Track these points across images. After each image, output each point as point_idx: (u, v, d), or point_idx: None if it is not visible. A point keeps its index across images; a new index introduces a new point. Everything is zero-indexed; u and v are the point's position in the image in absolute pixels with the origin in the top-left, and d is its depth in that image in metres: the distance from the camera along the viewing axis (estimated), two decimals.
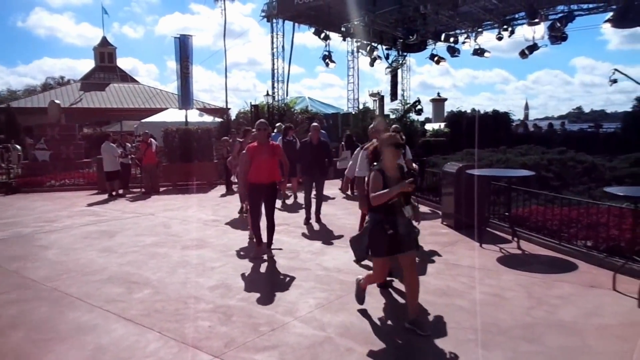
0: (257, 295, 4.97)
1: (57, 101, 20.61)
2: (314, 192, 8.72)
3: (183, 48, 17.22)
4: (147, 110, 30.20)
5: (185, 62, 17.34)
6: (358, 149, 6.60)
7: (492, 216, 7.89)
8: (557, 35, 19.59)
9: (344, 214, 9.41)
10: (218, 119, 21.27)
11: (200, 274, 5.71)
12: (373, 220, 4.04)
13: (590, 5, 20.10)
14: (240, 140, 9.19)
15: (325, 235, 7.65)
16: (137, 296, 4.98)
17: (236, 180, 9.95)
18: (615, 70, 21.80)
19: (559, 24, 18.79)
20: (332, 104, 26.64)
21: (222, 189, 13.53)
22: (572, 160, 10.76)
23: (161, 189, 13.88)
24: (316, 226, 8.40)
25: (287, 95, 23.53)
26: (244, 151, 6.73)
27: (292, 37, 26.38)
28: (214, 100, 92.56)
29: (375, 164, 4.13)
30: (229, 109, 23.58)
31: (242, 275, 5.67)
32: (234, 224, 8.70)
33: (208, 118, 21.50)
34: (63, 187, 14.62)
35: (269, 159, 6.20)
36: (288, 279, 5.51)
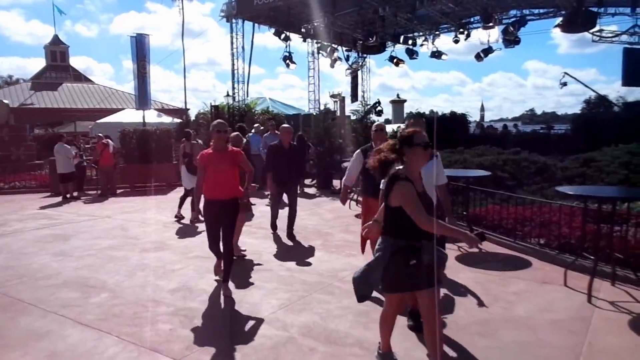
0: (220, 297, 4.92)
1: (5, 101, 19.71)
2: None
3: (140, 47, 16.83)
4: (103, 110, 29.35)
5: (142, 62, 16.95)
6: (357, 151, 5.43)
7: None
8: (510, 39, 20.30)
9: (306, 214, 9.43)
10: (177, 120, 20.88)
11: (161, 277, 5.59)
12: (391, 247, 3.07)
13: (541, 11, 20.93)
14: (196, 142, 9.03)
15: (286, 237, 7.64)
16: (94, 300, 4.83)
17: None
18: (565, 73, 22.73)
19: (512, 28, 19.48)
20: (293, 105, 26.64)
21: (182, 190, 13.25)
22: (526, 160, 11.16)
23: (118, 191, 13.51)
24: (278, 227, 8.37)
25: (247, 96, 23.37)
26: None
27: (252, 38, 26.17)
28: (172, 100, 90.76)
29: (399, 168, 3.09)
30: (188, 109, 23.17)
31: (204, 277, 5.59)
32: (194, 225, 8.56)
33: (167, 119, 21.07)
34: (13, 189, 13.99)
35: (228, 169, 4.94)
36: (251, 280, 5.48)
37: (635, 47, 19.41)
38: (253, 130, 13.25)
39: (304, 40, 24.14)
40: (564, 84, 20.80)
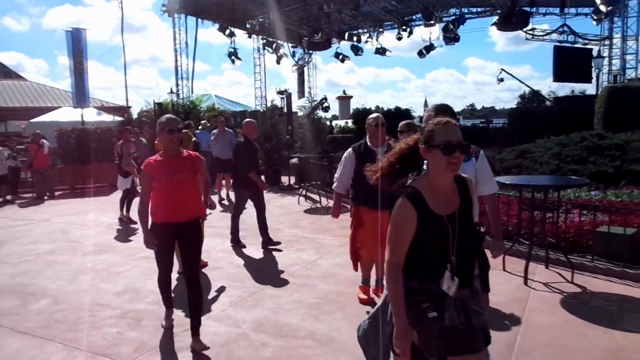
0: None
1: None
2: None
3: (76, 42, 16.10)
4: (37, 109, 27.73)
5: (79, 57, 16.24)
6: (349, 150, 4.58)
7: None
8: (450, 37, 21.01)
9: (255, 211, 9.38)
10: (118, 118, 20.15)
11: (105, 280, 5.42)
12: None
13: (479, 9, 21.79)
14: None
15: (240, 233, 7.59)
16: (33, 307, 4.63)
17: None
18: (502, 70, 23.78)
19: (452, 26, 20.18)
20: (239, 102, 26.37)
21: None
22: None
23: (57, 193, 12.89)
24: (226, 223, 8.29)
25: (192, 93, 22.87)
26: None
27: (196, 33, 25.57)
28: (113, 98, 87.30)
29: (415, 177, 2.20)
30: (130, 107, 22.36)
31: (151, 278, 5.46)
32: (139, 226, 8.33)
33: (107, 117, 20.28)
34: None
35: (186, 181, 3.67)
36: (200, 279, 5.41)
37: (564, 45, 20.63)
38: (200, 127, 13.04)
39: (249, 36, 23.91)
40: (501, 80, 21.79)
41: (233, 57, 22.88)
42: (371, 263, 4.64)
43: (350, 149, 4.54)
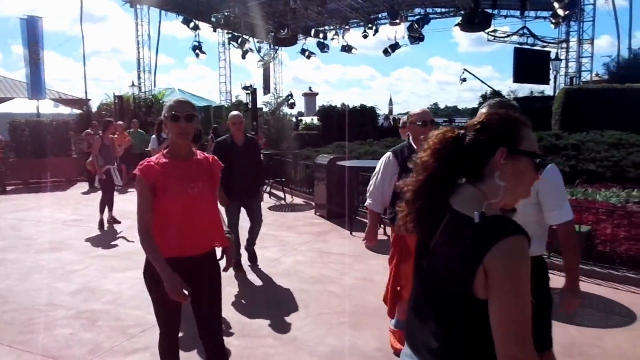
0: (126, 296, 4.68)
1: None
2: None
3: (31, 31, 15.42)
4: None
5: (35, 47, 15.55)
6: (388, 154, 3.55)
7: (362, 205, 8.33)
8: (415, 36, 21.25)
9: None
10: (77, 111, 19.47)
11: (59, 279, 5.21)
12: None
13: (443, 10, 22.14)
14: (100, 134, 7.81)
15: None
16: None
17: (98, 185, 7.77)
18: (465, 70, 24.24)
19: (416, 25, 20.40)
20: (204, 97, 25.88)
21: (83, 186, 12.43)
22: None
23: (9, 188, 12.33)
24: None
25: (154, 87, 22.35)
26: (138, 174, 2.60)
27: (159, 26, 25.00)
28: (72, 90, 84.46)
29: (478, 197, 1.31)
30: (89, 100, 21.61)
31: (108, 277, 5.29)
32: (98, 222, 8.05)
33: (65, 109, 19.56)
34: None
35: (204, 193, 2.48)
36: None
37: (524, 47, 21.21)
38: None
39: (214, 30, 23.52)
40: (464, 80, 22.20)
41: (197, 51, 22.49)
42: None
43: (389, 154, 3.49)
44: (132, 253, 6.09)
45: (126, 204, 8.87)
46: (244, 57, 23.91)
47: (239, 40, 22.82)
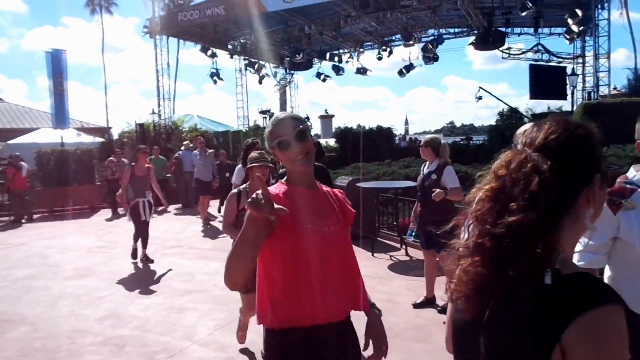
0: (152, 322, 4.74)
1: None
2: None
3: (56, 63, 15.96)
4: (14, 130, 27.27)
5: (59, 79, 16.08)
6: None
7: (382, 226, 8.33)
8: (429, 56, 21.42)
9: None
10: (99, 139, 19.94)
11: (86, 305, 5.29)
12: None
13: (456, 30, 22.32)
14: (132, 163, 7.24)
15: (221, 255, 7.51)
16: (10, 336, 4.48)
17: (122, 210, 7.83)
18: (480, 88, 24.26)
19: (430, 46, 20.57)
20: (221, 122, 26.29)
21: (106, 212, 12.66)
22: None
23: (35, 216, 12.62)
24: (210, 245, 8.22)
25: (174, 113, 22.81)
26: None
27: (177, 54, 25.78)
28: (94, 119, 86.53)
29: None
30: (111, 128, 22.19)
31: (134, 302, 5.36)
32: (122, 248, 8.18)
33: (87, 138, 20.04)
34: None
35: (338, 235, 1.85)
36: (184, 302, 5.33)
37: (539, 64, 21.19)
38: (183, 148, 13.01)
39: (231, 57, 24.03)
40: (480, 98, 22.20)
41: (215, 78, 22.94)
42: None
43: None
44: (156, 278, 6.17)
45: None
46: (260, 82, 24.31)
47: (256, 66, 23.24)
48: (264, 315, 1.75)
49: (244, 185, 3.80)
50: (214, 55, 22.36)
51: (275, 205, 1.46)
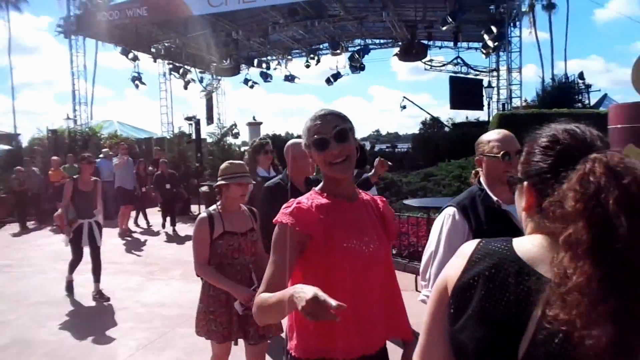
0: (66, 347, 4.35)
1: None
2: None
3: None
4: None
5: None
6: (449, 212, 2.10)
7: None
8: (356, 65, 21.88)
9: (163, 243, 8.93)
10: (5, 147, 18.38)
11: None
12: None
13: (382, 41, 22.98)
14: (74, 176, 6.02)
15: (143, 269, 7.12)
16: None
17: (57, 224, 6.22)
18: (405, 97, 25.16)
19: (357, 55, 21.02)
20: (144, 128, 25.19)
21: (13, 227, 11.62)
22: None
23: None
24: (131, 259, 7.77)
25: (91, 119, 21.52)
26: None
27: (96, 56, 24.47)
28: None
29: None
30: (19, 134, 20.51)
31: (45, 326, 4.90)
32: (31, 266, 7.51)
33: None
34: None
35: (381, 252, 1.62)
36: (103, 322, 4.95)
37: (458, 76, 22.32)
38: (101, 155, 12.25)
39: (155, 61, 23.12)
40: (404, 107, 23.02)
41: (137, 82, 21.96)
42: None
43: (451, 209, 2.11)
44: (71, 298, 5.71)
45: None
46: (186, 87, 23.60)
47: (181, 70, 22.54)
48: (291, 340, 1.59)
49: (213, 207, 2.95)
50: (135, 58, 21.40)
51: (333, 303, 1.12)
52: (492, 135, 2.15)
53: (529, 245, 0.92)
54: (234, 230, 2.88)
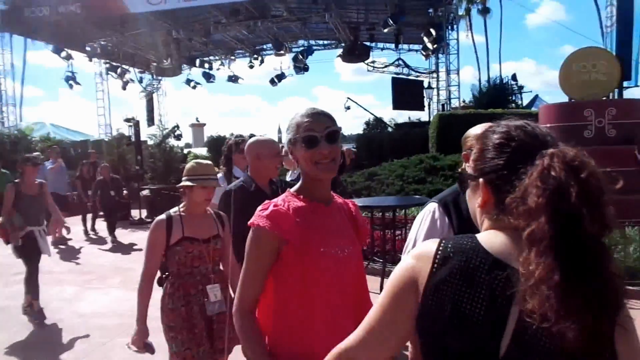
0: None
1: None
2: None
3: None
4: None
5: None
6: (431, 207, 2.06)
7: None
8: (300, 66, 21.94)
9: (101, 250, 8.56)
10: None
11: None
12: None
13: (325, 42, 23.16)
14: (15, 180, 5.37)
15: (79, 278, 6.80)
16: None
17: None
18: (348, 98, 25.50)
19: (301, 56, 21.09)
20: (80, 131, 24.06)
21: None
22: None
23: None
24: (66, 268, 7.39)
25: (21, 121, 20.31)
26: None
27: (25, 55, 23.16)
28: None
29: None
30: None
31: None
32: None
33: None
34: None
35: (354, 257, 1.62)
36: (35, 337, 4.68)
37: (400, 77, 22.88)
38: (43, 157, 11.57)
39: (90, 60, 22.14)
40: (348, 108, 23.31)
41: (71, 82, 21.02)
42: None
43: (432, 206, 2.09)
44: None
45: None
46: (124, 88, 22.80)
47: (118, 70, 21.74)
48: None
49: (174, 209, 2.70)
50: (69, 57, 20.43)
51: None
52: (479, 130, 2.06)
53: (495, 240, 0.91)
54: (194, 236, 2.61)
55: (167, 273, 2.66)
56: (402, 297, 0.96)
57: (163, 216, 2.63)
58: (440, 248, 0.93)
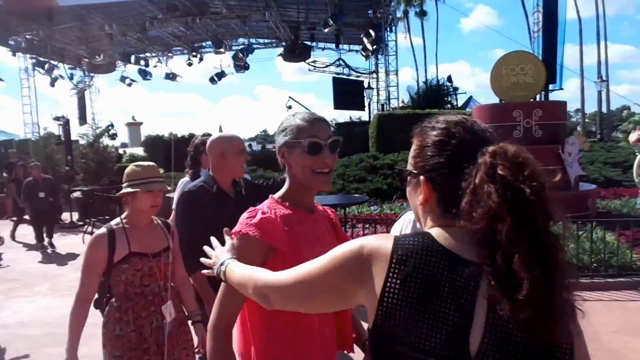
0: None
1: None
2: None
3: None
4: None
5: None
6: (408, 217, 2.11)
7: None
8: (240, 65, 21.71)
9: (28, 256, 8.05)
10: None
11: None
12: None
13: (266, 40, 23.06)
14: None
15: (3, 285, 6.36)
16: None
17: None
18: (290, 97, 25.48)
19: (241, 54, 20.86)
20: (4, 130, 22.55)
21: None
22: (262, 177, 11.98)
23: None
24: None
25: None
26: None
27: None
28: None
29: None
30: None
31: None
32: None
33: None
34: None
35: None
36: None
37: (341, 77, 23.15)
38: None
39: (14, 54, 20.77)
40: (290, 107, 23.26)
41: None
42: None
43: (411, 214, 2.07)
44: None
45: None
46: (53, 84, 21.59)
47: (46, 66, 20.56)
48: None
49: (116, 221, 2.35)
50: None
51: None
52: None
53: (447, 236, 0.89)
54: (143, 250, 2.28)
55: (108, 295, 2.30)
56: (344, 276, 0.95)
57: (103, 230, 2.28)
58: (394, 248, 0.89)
